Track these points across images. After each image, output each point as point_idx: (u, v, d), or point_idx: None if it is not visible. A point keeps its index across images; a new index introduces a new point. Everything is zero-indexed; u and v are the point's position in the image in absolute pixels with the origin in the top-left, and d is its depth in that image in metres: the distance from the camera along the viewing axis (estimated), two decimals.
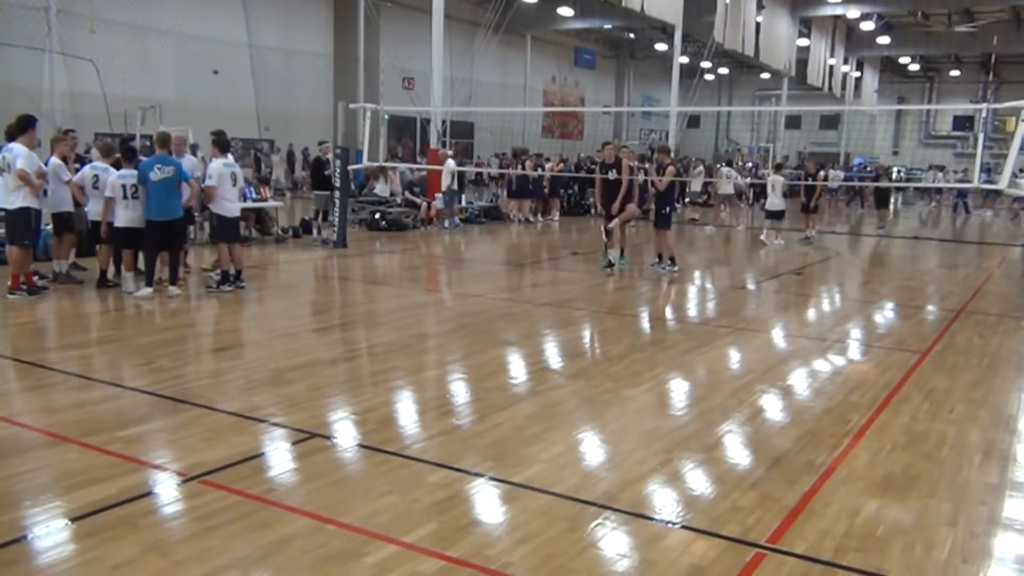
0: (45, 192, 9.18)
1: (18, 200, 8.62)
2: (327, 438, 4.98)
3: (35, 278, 9.07)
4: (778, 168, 19.86)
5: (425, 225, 17.66)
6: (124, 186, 9.00)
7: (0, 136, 9.37)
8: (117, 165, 9.37)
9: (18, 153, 8.56)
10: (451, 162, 18.07)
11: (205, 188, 9.65)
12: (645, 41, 41.66)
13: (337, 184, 13.90)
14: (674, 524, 3.93)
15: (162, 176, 8.90)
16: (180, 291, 9.27)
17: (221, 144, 9.87)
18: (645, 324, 9.18)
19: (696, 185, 22.68)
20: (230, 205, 9.63)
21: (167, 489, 4.16)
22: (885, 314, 10.03)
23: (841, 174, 31.56)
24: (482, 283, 11.71)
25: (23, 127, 8.75)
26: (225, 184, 9.52)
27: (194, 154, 11.23)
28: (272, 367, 6.46)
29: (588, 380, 6.49)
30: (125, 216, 9.05)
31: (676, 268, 12.18)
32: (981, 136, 20.35)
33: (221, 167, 9.55)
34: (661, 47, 38.52)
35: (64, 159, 9.64)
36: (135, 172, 9.00)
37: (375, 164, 16.14)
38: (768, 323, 9.36)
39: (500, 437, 5.02)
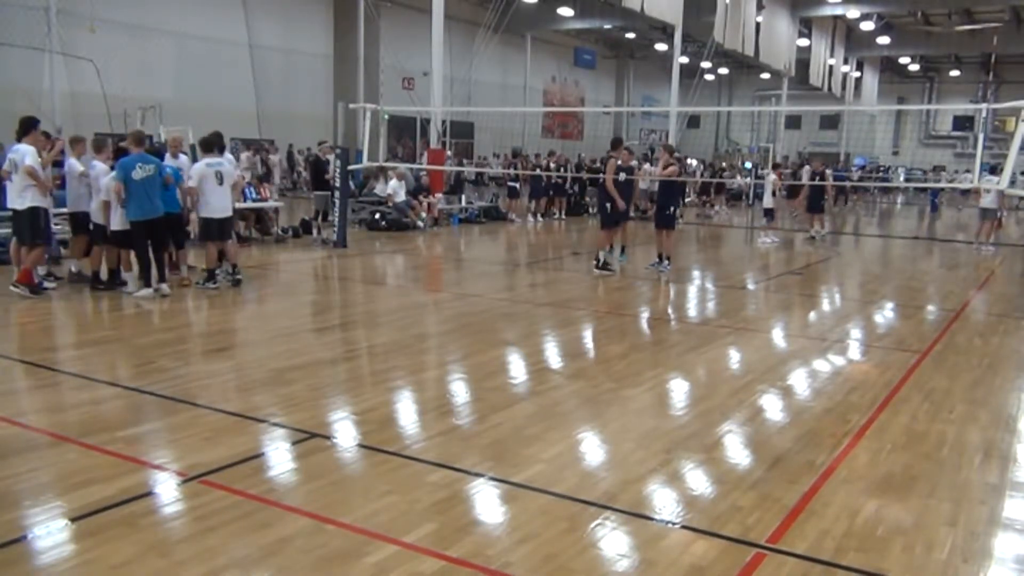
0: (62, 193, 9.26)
1: (27, 200, 8.66)
2: (327, 438, 4.98)
3: (46, 279, 9.12)
4: (775, 168, 19.90)
5: (429, 226, 17.67)
6: None
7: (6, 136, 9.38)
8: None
9: (25, 152, 8.60)
10: (402, 173, 17.73)
11: (188, 189, 9.65)
12: (645, 41, 41.64)
13: (337, 184, 13.90)
14: (674, 524, 3.93)
15: (144, 175, 8.87)
16: (171, 290, 9.24)
17: (203, 144, 9.87)
18: (645, 324, 9.18)
19: (644, 184, 20.30)
20: (215, 204, 9.55)
21: (167, 489, 4.16)
22: (885, 314, 10.03)
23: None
24: (482, 283, 11.72)
25: (27, 128, 8.79)
26: (208, 184, 9.46)
27: (195, 155, 11.23)
28: (272, 367, 6.46)
29: (588, 380, 6.49)
30: (121, 217, 9.03)
31: (670, 266, 12.22)
32: (981, 136, 20.30)
33: (203, 167, 9.51)
34: (661, 47, 38.49)
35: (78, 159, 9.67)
36: None
37: (375, 164, 16.13)
38: (768, 323, 9.36)
39: (500, 437, 5.01)
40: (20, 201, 8.68)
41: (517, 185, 21.51)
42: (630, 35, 40.24)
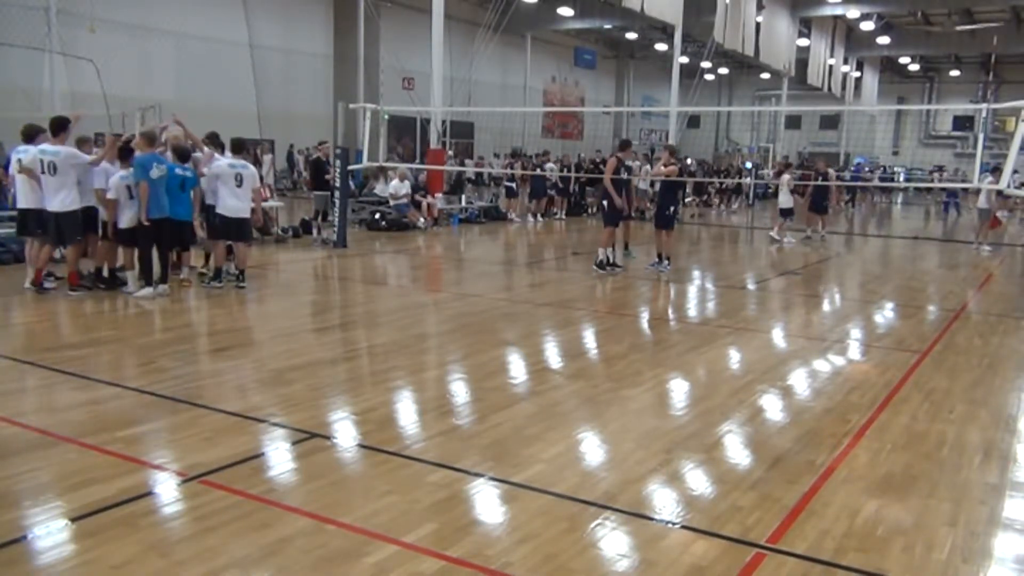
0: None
1: (68, 201, 8.72)
2: (327, 438, 4.98)
3: (48, 278, 9.15)
4: (786, 167, 20.00)
5: (429, 226, 17.68)
6: (129, 187, 8.97)
7: (15, 138, 9.34)
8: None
9: (68, 155, 8.69)
10: (404, 174, 17.76)
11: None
12: (645, 41, 41.64)
13: (337, 184, 13.90)
14: (674, 524, 3.93)
15: (159, 174, 8.89)
16: (171, 290, 9.22)
17: (233, 145, 10.00)
18: (645, 324, 9.18)
19: (643, 184, 19.97)
20: (230, 204, 9.58)
21: (167, 489, 4.16)
22: (885, 314, 10.03)
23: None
24: (482, 283, 11.72)
25: (55, 130, 8.81)
26: (226, 183, 9.51)
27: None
28: (272, 367, 6.46)
29: (588, 380, 6.49)
30: (127, 216, 9.03)
31: (670, 266, 12.25)
32: (981, 136, 20.33)
33: (225, 166, 9.59)
34: (661, 47, 38.51)
35: None
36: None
37: (375, 164, 16.12)
38: (768, 323, 9.36)
39: (500, 437, 5.01)
40: (66, 203, 8.69)
41: (514, 185, 21.53)
42: (630, 35, 40.22)
